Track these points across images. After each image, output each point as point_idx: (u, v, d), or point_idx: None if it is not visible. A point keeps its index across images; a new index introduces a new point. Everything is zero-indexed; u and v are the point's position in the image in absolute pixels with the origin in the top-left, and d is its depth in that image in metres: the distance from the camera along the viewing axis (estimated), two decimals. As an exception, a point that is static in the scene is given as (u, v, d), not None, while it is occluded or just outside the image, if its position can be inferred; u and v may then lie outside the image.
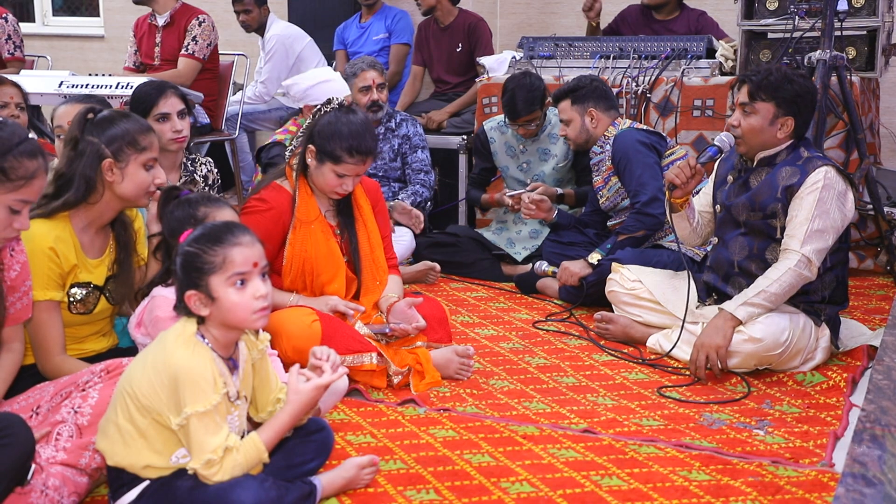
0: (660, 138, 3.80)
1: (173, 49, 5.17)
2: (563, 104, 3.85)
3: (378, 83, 4.32)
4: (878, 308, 3.66)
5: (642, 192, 3.61)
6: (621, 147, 3.71)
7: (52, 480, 1.98)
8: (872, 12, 3.98)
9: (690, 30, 4.90)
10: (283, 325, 2.79)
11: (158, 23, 5.23)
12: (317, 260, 2.97)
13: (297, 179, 2.98)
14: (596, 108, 3.79)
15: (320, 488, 2.12)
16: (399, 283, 3.16)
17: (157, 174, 2.50)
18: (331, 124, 2.88)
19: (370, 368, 2.82)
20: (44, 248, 2.35)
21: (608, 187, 3.81)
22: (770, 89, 2.93)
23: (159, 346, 1.95)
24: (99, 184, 2.42)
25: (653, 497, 2.18)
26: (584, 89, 3.81)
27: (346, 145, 2.85)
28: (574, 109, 3.81)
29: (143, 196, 2.49)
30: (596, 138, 3.83)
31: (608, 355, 3.21)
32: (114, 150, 2.42)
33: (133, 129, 2.46)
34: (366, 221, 3.08)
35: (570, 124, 3.83)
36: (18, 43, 5.39)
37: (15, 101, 3.61)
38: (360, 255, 3.04)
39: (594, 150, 3.86)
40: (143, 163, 2.46)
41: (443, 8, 5.41)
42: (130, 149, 2.43)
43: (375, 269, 3.08)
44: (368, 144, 2.88)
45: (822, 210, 2.86)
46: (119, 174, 2.42)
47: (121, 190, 2.44)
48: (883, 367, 2.08)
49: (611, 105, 3.84)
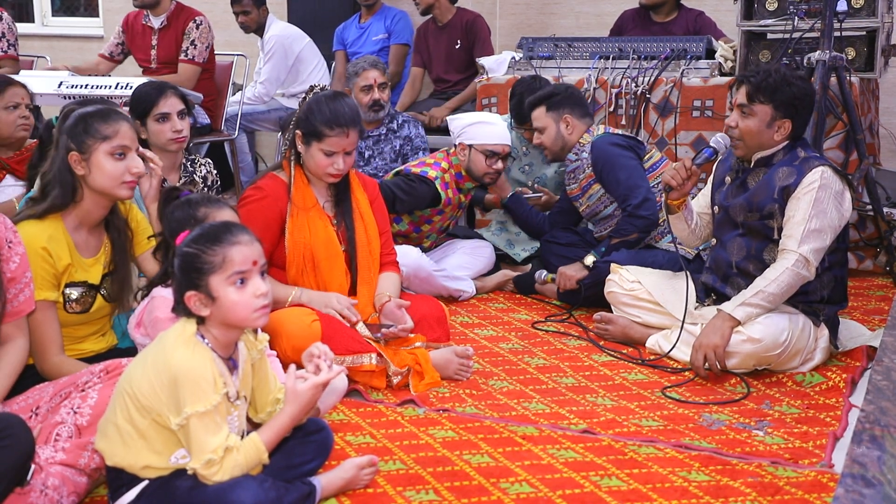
0: (636, 142, 3.77)
1: (171, 52, 5.11)
2: (537, 112, 3.81)
3: (380, 82, 4.33)
4: (878, 309, 3.66)
5: (632, 196, 3.57)
6: (600, 153, 3.66)
7: (52, 480, 1.98)
8: (872, 13, 3.98)
9: (689, 30, 4.91)
10: (282, 325, 2.79)
11: (154, 25, 5.16)
12: (316, 248, 2.97)
13: (294, 169, 3.00)
14: (571, 115, 3.75)
15: (320, 489, 2.12)
16: (396, 281, 3.15)
17: (132, 164, 2.44)
18: (310, 105, 2.95)
19: (370, 369, 2.82)
20: (36, 249, 2.35)
21: (587, 195, 3.78)
22: (768, 92, 2.93)
23: (159, 346, 1.95)
24: (75, 180, 2.41)
25: (652, 497, 2.18)
26: (558, 96, 3.78)
27: (324, 119, 2.90)
28: (549, 116, 3.78)
29: (120, 187, 2.44)
30: (571, 145, 3.78)
31: (607, 356, 3.21)
32: (76, 143, 2.39)
33: (92, 117, 2.41)
34: (362, 213, 3.09)
35: (544, 132, 3.80)
36: (13, 41, 5.34)
37: (25, 102, 3.61)
38: (357, 246, 3.04)
39: (569, 158, 3.81)
40: (110, 152, 2.40)
41: (441, 6, 5.43)
42: (91, 138, 2.39)
43: (371, 260, 3.09)
44: (346, 115, 2.92)
45: (820, 210, 2.86)
46: (86, 166, 2.40)
47: (92, 183, 2.41)
48: (882, 367, 2.08)
49: (585, 112, 3.81)
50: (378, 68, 4.35)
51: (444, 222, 3.97)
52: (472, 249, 4.07)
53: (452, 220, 4.03)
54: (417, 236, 3.94)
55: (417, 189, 3.76)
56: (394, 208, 3.76)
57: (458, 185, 3.88)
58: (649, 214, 3.56)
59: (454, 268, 3.92)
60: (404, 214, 3.86)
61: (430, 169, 3.83)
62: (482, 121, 3.86)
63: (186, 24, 5.09)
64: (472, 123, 3.82)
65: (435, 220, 3.92)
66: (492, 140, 3.78)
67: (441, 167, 3.85)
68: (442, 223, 3.96)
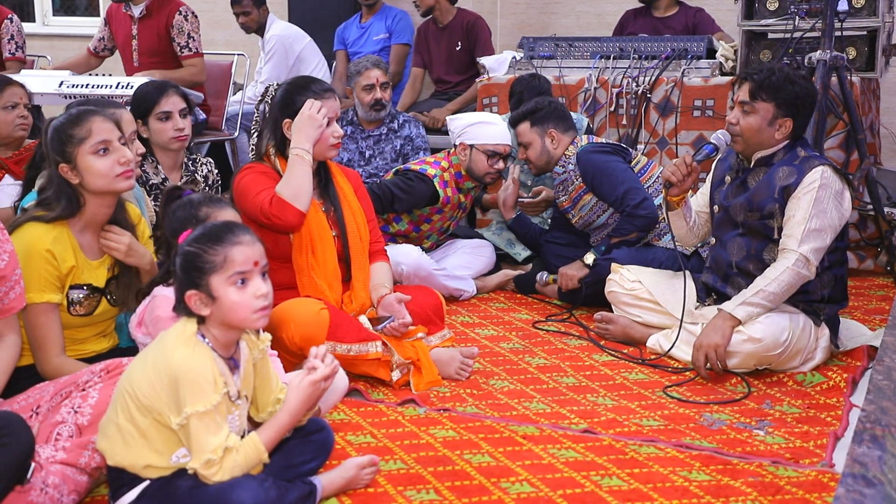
0: (621, 148, 3.76)
1: (151, 43, 4.99)
2: (521, 127, 3.80)
3: (382, 82, 4.34)
4: (878, 308, 3.66)
5: (629, 197, 3.56)
6: (588, 163, 3.66)
7: (52, 479, 1.98)
8: (872, 12, 3.98)
9: (688, 25, 5.00)
10: (291, 313, 2.77)
11: (134, 13, 5.02)
12: (310, 232, 2.96)
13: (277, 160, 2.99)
14: (556, 129, 3.75)
15: (320, 488, 2.12)
16: (388, 271, 3.15)
17: (119, 155, 2.41)
18: (287, 90, 2.98)
19: (375, 356, 2.82)
20: (41, 251, 2.35)
21: (579, 207, 3.76)
22: (771, 90, 2.93)
23: (159, 345, 1.95)
24: (75, 189, 2.40)
25: (653, 497, 2.18)
26: (542, 111, 3.77)
27: (309, 91, 2.94)
28: (534, 132, 3.77)
29: (115, 181, 2.42)
30: (557, 159, 3.77)
31: (608, 355, 3.21)
32: (60, 154, 2.39)
33: (63, 125, 2.40)
34: (349, 200, 3.09)
35: (529, 147, 3.79)
36: (21, 44, 5.36)
37: (24, 102, 3.61)
38: (347, 231, 3.03)
39: (556, 171, 3.80)
40: (91, 151, 2.39)
41: (441, 7, 5.43)
42: (69, 146, 2.38)
43: (362, 245, 3.08)
44: (323, 82, 3.02)
45: (820, 209, 2.86)
46: (77, 173, 2.39)
47: (89, 186, 2.41)
48: (883, 367, 2.08)
49: (569, 126, 3.80)
50: (380, 68, 4.36)
51: (444, 222, 3.97)
52: (472, 249, 4.07)
53: (453, 220, 4.02)
54: (417, 236, 3.94)
55: (416, 187, 3.76)
56: (392, 207, 3.76)
57: (458, 185, 3.87)
58: (648, 213, 3.56)
59: (455, 267, 3.92)
60: (403, 213, 3.86)
61: (429, 167, 3.84)
62: (483, 121, 3.86)
63: (171, 16, 4.94)
64: (473, 123, 3.83)
65: (434, 220, 3.92)
66: (493, 140, 3.79)
67: (441, 166, 3.85)
68: (442, 223, 3.96)
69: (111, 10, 5.23)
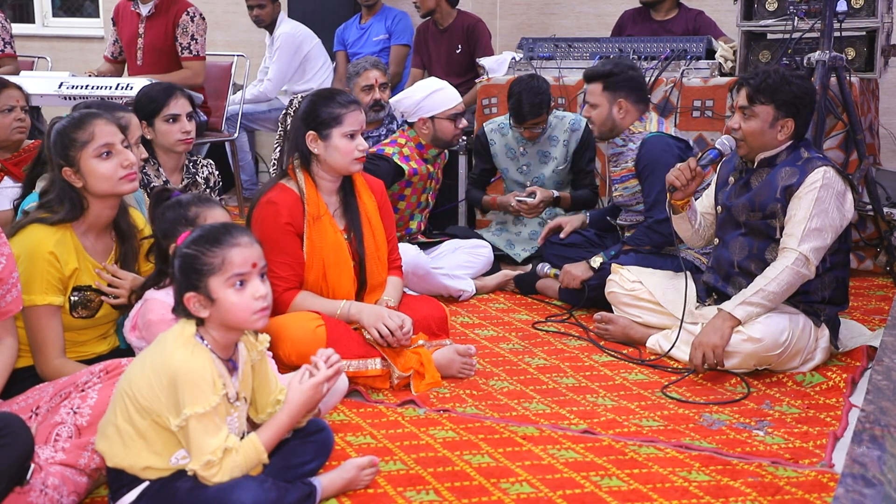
0: (686, 147, 3.66)
1: (157, 42, 4.98)
2: (593, 86, 3.64)
3: (381, 82, 4.36)
4: (878, 309, 3.66)
5: (657, 210, 3.51)
6: (650, 155, 3.54)
7: (52, 479, 1.98)
8: (872, 13, 3.98)
9: (688, 28, 4.94)
10: (286, 330, 2.77)
11: (142, 11, 5.01)
12: (326, 256, 2.95)
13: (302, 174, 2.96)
14: (627, 99, 3.60)
15: (320, 489, 2.12)
16: (399, 286, 3.14)
17: (122, 158, 2.42)
18: (311, 101, 2.96)
19: (374, 374, 2.83)
20: (44, 253, 2.35)
21: (624, 186, 3.70)
22: (769, 92, 2.93)
23: (158, 347, 1.95)
24: (78, 193, 2.41)
25: (653, 498, 2.18)
26: (618, 76, 3.59)
27: (334, 103, 2.93)
28: (604, 95, 3.61)
29: (119, 184, 2.42)
30: (621, 130, 3.64)
31: (608, 356, 3.21)
32: (63, 158, 2.39)
33: (66, 128, 2.40)
34: (370, 219, 3.07)
35: (596, 108, 3.64)
36: (8, 39, 5.28)
37: (21, 105, 3.60)
38: (366, 256, 3.02)
39: (615, 142, 3.68)
40: (94, 155, 2.39)
41: (442, 10, 5.42)
42: (72, 149, 2.39)
43: (380, 267, 3.08)
44: (348, 95, 3.02)
45: (821, 209, 2.87)
46: (81, 176, 2.39)
47: (92, 189, 2.41)
48: (882, 367, 2.08)
49: (641, 98, 3.65)
50: (379, 68, 4.38)
51: (418, 195, 3.99)
52: (470, 249, 4.07)
53: (427, 192, 4.04)
54: (399, 218, 3.95)
55: (379, 167, 3.76)
56: None
57: (422, 156, 3.93)
58: (668, 233, 3.41)
59: (453, 267, 3.92)
60: None
61: (386, 147, 3.92)
62: (433, 89, 3.90)
63: (178, 16, 4.95)
64: (423, 97, 3.87)
65: (407, 195, 3.95)
66: (450, 104, 3.86)
67: (398, 143, 3.93)
68: (416, 196, 3.98)
69: (119, 7, 5.23)
